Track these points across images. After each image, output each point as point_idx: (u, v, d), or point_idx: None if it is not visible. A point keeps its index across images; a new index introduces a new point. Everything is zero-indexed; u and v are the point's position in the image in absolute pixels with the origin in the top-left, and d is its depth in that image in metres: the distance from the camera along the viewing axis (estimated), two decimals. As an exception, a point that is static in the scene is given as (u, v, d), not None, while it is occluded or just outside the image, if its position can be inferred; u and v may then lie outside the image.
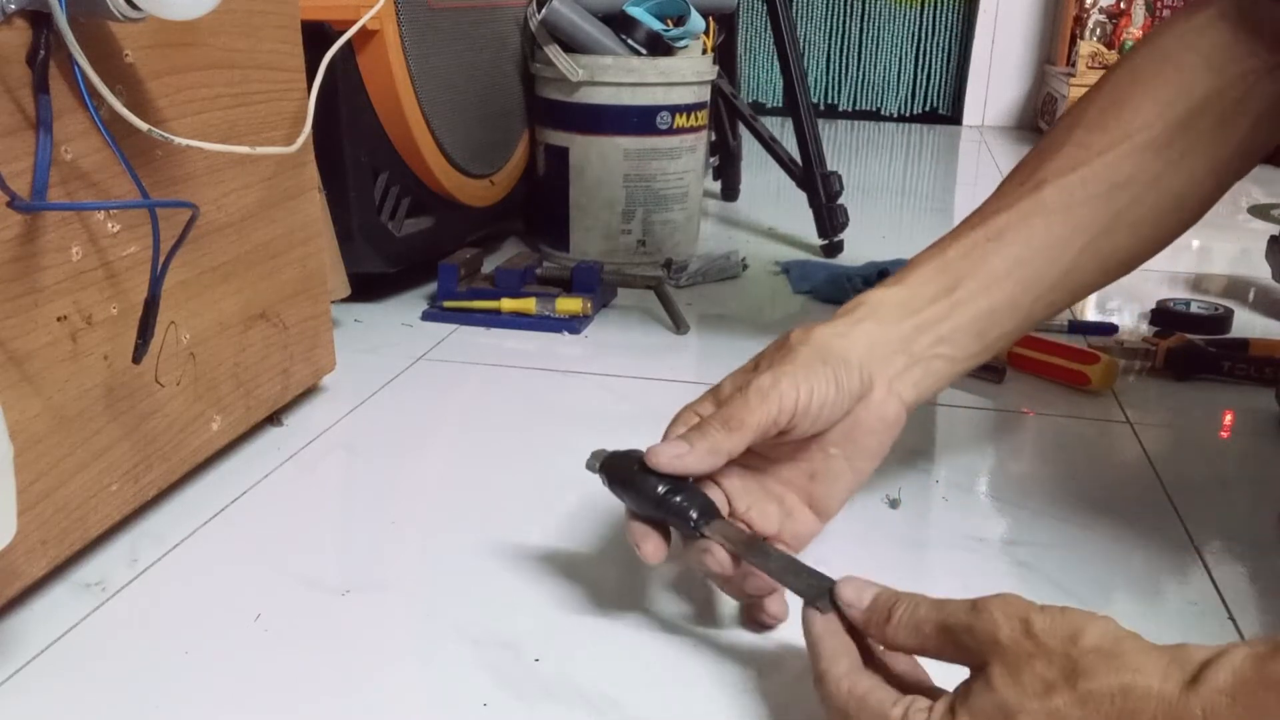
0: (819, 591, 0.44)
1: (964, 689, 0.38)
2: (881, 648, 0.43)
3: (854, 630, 0.43)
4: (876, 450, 0.53)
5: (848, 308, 0.54)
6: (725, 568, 0.47)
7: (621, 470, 0.49)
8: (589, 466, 0.51)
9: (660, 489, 0.47)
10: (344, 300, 0.87)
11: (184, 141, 0.54)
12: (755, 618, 0.51)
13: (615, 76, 1.10)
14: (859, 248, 1.27)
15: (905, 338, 0.53)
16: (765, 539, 0.50)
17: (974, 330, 0.54)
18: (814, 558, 0.58)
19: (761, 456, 0.53)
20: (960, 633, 0.39)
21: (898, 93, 2.70)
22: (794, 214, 1.36)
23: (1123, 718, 0.34)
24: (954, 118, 2.67)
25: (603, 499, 0.64)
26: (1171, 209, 0.56)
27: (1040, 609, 0.38)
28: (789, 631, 0.51)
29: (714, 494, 0.50)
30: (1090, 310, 1.08)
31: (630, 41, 1.10)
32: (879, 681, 0.41)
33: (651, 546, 0.48)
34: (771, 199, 1.58)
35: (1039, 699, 0.35)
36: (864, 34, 2.68)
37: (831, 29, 2.68)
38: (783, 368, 0.49)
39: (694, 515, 0.47)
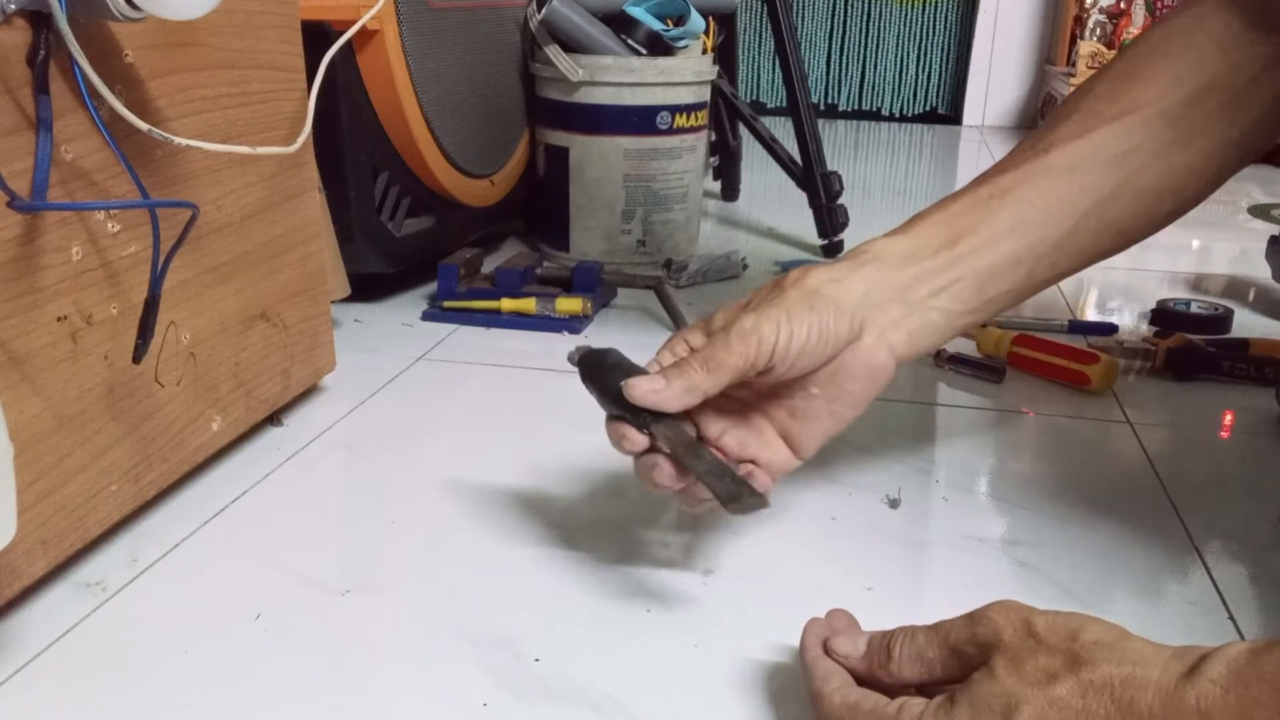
0: (734, 496, 0.47)
1: (964, 683, 0.38)
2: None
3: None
4: (859, 396, 0.54)
5: (852, 253, 0.55)
6: (671, 481, 0.49)
7: (593, 367, 0.52)
8: (569, 358, 0.53)
9: (621, 382, 0.50)
10: (344, 300, 0.87)
11: (184, 141, 0.54)
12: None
13: (615, 76, 1.10)
14: (859, 248, 1.27)
15: (903, 286, 0.53)
16: (708, 445, 0.52)
17: (974, 284, 0.54)
18: (815, 556, 0.58)
19: (743, 386, 0.53)
20: (964, 645, 0.39)
21: (898, 93, 2.70)
22: (794, 214, 1.36)
23: (1121, 706, 0.34)
24: (954, 118, 2.67)
25: (603, 499, 0.64)
26: (1178, 184, 0.56)
27: (1040, 611, 0.38)
28: (791, 633, 0.51)
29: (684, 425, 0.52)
30: (1090, 310, 1.08)
31: (630, 41, 1.10)
32: (870, 691, 0.42)
33: (632, 437, 0.50)
34: (771, 199, 1.58)
35: (1041, 687, 0.36)
36: (864, 34, 2.68)
37: (831, 29, 2.68)
38: (766, 310, 0.50)
39: (645, 413, 0.49)
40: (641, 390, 0.49)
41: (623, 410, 0.50)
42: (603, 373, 0.51)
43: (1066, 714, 0.35)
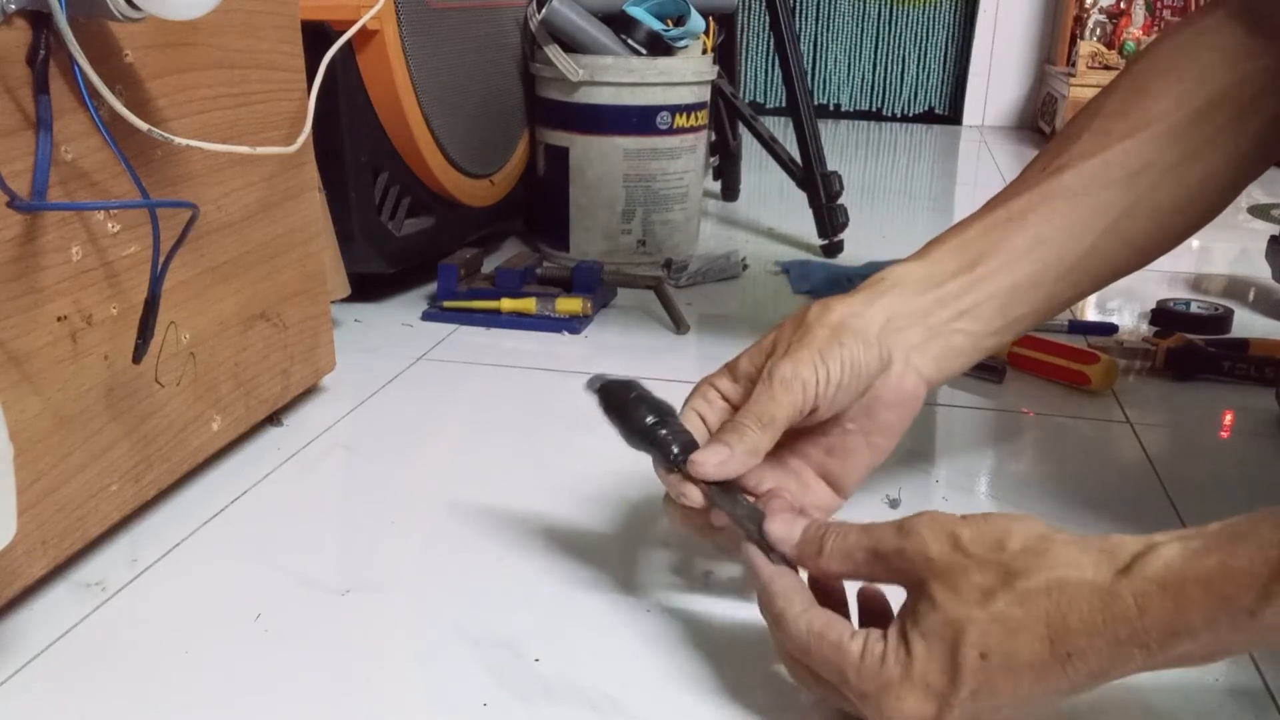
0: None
1: (909, 609, 0.40)
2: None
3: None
4: (895, 426, 0.53)
5: (870, 283, 0.54)
6: (696, 502, 0.48)
7: (616, 397, 0.51)
8: (588, 386, 0.52)
9: (649, 419, 0.49)
10: (344, 300, 0.87)
11: (184, 141, 0.54)
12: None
13: (615, 76, 1.10)
14: (859, 248, 1.27)
15: (924, 311, 0.53)
16: (740, 488, 0.50)
17: (995, 306, 0.54)
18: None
19: None
20: (892, 556, 0.41)
21: (898, 93, 2.70)
22: (794, 214, 1.36)
23: (1060, 609, 0.36)
24: (954, 118, 2.67)
25: (603, 498, 0.64)
26: (1192, 198, 0.56)
27: (964, 520, 0.40)
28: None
29: None
30: (1090, 310, 1.08)
31: (630, 41, 1.10)
32: (834, 615, 0.42)
33: (692, 495, 0.48)
34: (771, 199, 1.58)
35: (980, 606, 0.37)
36: (864, 34, 2.68)
37: (831, 29, 2.68)
38: (800, 354, 0.49)
39: (675, 450, 0.48)
40: (711, 465, 0.47)
41: (653, 445, 0.48)
42: (626, 407, 0.50)
43: (1009, 626, 0.37)
